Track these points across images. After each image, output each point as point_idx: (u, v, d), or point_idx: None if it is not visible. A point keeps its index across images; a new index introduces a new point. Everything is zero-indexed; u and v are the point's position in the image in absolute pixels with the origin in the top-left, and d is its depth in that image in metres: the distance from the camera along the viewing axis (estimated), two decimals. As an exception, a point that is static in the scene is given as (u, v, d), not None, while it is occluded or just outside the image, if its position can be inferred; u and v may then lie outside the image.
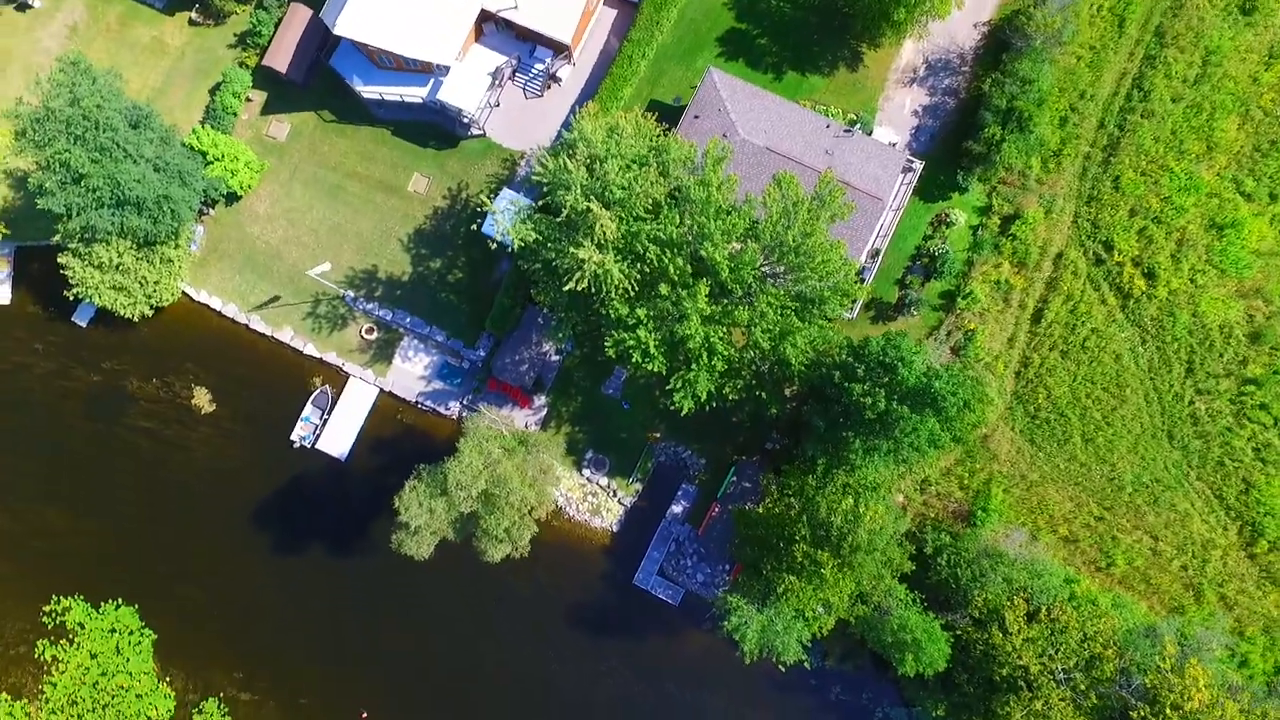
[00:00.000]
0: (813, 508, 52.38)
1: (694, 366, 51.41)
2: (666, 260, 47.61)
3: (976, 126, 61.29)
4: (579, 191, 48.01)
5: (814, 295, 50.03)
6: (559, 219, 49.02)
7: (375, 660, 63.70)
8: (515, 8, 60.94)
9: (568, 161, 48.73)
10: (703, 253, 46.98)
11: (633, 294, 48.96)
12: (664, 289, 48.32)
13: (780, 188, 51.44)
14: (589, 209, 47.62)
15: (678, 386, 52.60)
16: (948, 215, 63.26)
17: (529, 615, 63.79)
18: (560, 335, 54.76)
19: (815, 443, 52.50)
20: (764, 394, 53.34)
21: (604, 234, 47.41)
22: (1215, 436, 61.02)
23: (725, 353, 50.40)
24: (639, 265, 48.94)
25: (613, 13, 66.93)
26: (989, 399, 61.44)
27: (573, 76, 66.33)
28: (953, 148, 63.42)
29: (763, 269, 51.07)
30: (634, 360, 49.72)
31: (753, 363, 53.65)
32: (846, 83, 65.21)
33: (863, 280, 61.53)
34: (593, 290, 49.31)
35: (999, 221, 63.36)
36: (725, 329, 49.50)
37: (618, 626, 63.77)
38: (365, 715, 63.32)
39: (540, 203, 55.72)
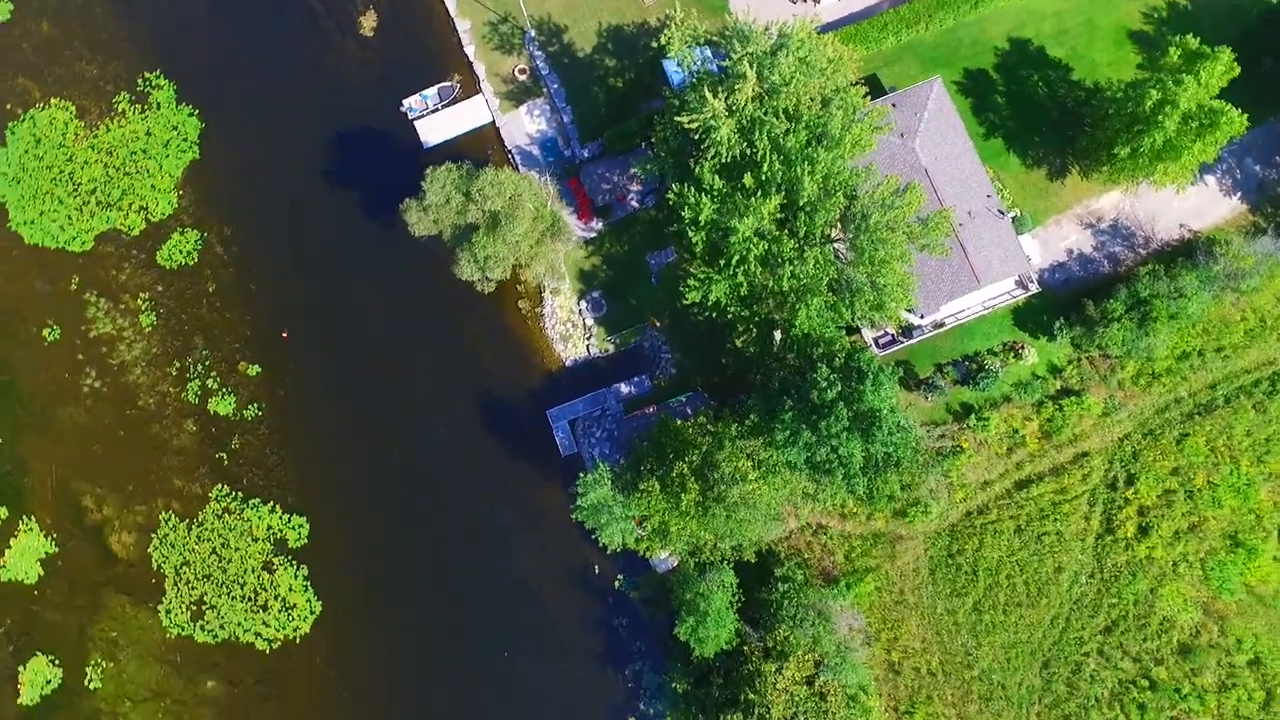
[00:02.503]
0: (716, 448, 53.89)
1: (722, 269, 53.28)
2: (769, 159, 49.35)
3: (1106, 295, 60.13)
4: (750, 56, 50.03)
5: (856, 285, 50.94)
6: (717, 64, 51.27)
7: (323, 294, 68.48)
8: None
9: (757, 29, 50.70)
10: (796, 171, 48.53)
11: (723, 163, 51.00)
12: (748, 180, 50.13)
13: (906, 189, 52.30)
14: (744, 74, 49.64)
15: (698, 276, 54.55)
16: (1023, 348, 62.49)
17: (452, 365, 67.35)
18: (648, 167, 57.38)
19: (759, 399, 53.83)
20: (754, 329, 54.80)
21: (739, 100, 49.44)
22: (1082, 696, 59.31)
23: (754, 273, 51.99)
24: (745, 148, 50.84)
25: (903, -15, 67.70)
26: (928, 509, 61.23)
27: (832, 7, 67.66)
28: (1075, 302, 62.38)
29: (834, 236, 52.19)
30: (683, 215, 52.00)
31: (767, 310, 55.01)
32: (1036, 184, 64.57)
33: (908, 334, 61.87)
34: (697, 138, 51.55)
35: (1058, 387, 62.26)
36: (767, 251, 50.95)
37: (506, 436, 66.80)
38: (285, 335, 68.64)
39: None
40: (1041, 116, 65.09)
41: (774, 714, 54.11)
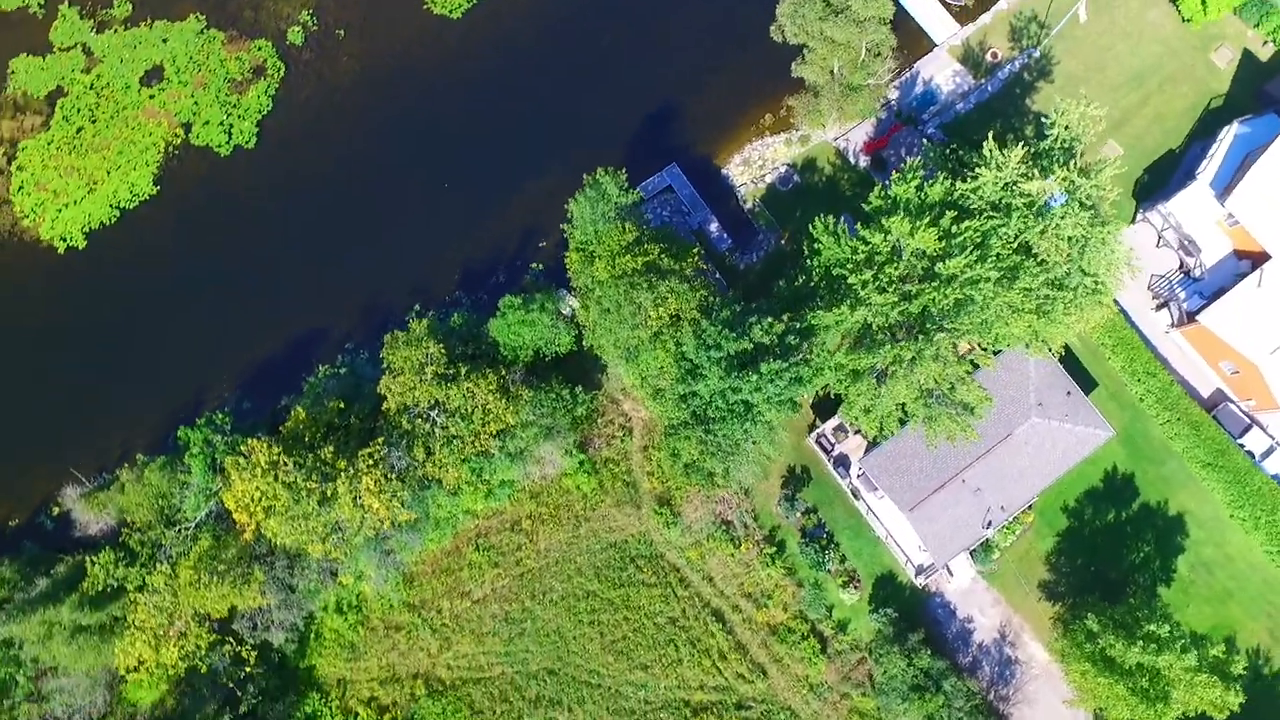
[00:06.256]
0: (682, 281, 56.19)
1: (847, 241, 54.79)
2: (973, 226, 50.06)
3: (920, 655, 57.34)
4: (1072, 183, 50.04)
5: (873, 349, 51.52)
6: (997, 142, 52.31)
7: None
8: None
9: (1104, 181, 50.48)
10: (969, 254, 49.05)
11: (956, 197, 52.05)
12: (945, 219, 50.44)
13: (980, 395, 51.81)
14: (1048, 184, 49.68)
15: (831, 229, 55.67)
16: (857, 589, 60.54)
17: (687, 70, 71.71)
18: (930, 149, 58.75)
19: (737, 305, 55.95)
20: (796, 286, 56.26)
21: (1022, 188, 50.15)
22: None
23: (855, 264, 53.01)
24: (977, 206, 51.66)
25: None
26: (672, 527, 61.75)
27: (1160, 320, 64.41)
28: (912, 625, 59.14)
29: (909, 322, 52.38)
30: (891, 180, 53.71)
31: (824, 295, 56.16)
32: (1030, 569, 60.95)
33: (843, 464, 61.29)
34: (970, 166, 52.60)
35: (824, 629, 60.32)
36: (879, 264, 51.74)
37: (639, 125, 71.00)
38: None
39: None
40: (1112, 562, 60.72)
41: (450, 399, 57.27)
